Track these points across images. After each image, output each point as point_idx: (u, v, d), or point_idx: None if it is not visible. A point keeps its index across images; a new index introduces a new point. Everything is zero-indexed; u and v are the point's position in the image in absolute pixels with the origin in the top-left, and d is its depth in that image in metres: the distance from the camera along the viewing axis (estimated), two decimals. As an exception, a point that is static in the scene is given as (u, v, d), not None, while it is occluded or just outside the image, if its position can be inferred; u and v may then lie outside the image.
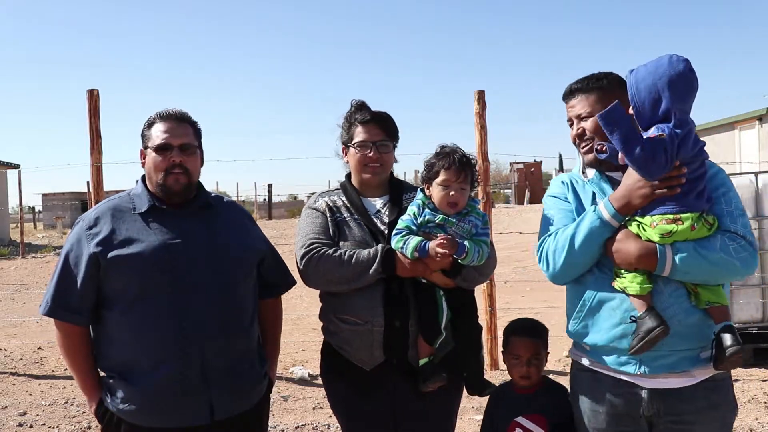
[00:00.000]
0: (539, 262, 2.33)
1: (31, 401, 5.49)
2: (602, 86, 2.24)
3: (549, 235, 2.28)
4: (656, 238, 2.06)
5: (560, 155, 48.92)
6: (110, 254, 2.20)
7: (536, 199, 36.36)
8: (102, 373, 2.34)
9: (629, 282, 2.08)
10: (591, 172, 2.32)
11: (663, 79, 2.04)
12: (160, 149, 2.29)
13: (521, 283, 10.34)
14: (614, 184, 2.21)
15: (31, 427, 4.94)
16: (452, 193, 2.33)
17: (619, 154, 2.07)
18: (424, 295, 2.38)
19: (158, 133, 2.30)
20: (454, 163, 2.33)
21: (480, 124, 6.11)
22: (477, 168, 2.46)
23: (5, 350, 7.29)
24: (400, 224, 2.37)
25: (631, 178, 2.12)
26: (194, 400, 2.23)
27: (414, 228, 2.34)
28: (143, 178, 2.38)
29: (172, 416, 2.22)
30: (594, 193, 2.26)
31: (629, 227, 2.12)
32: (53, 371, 6.40)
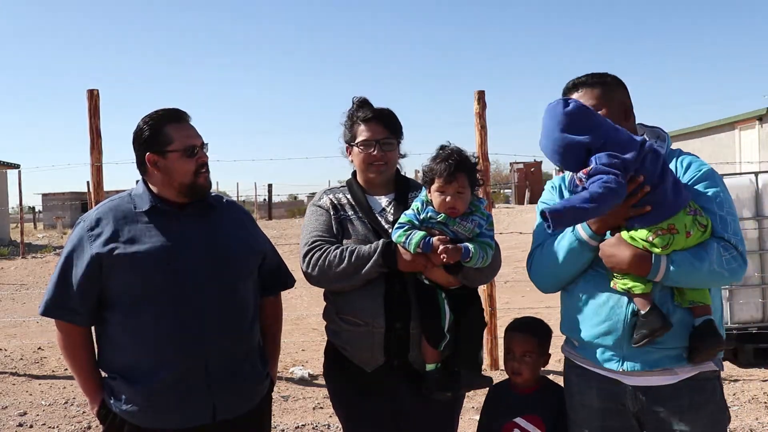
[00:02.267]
0: (529, 274, 2.37)
1: (31, 401, 5.49)
2: (606, 82, 2.25)
3: (536, 249, 2.33)
4: (658, 250, 2.04)
5: (560, 155, 49.05)
6: (112, 256, 2.19)
7: (536, 199, 36.30)
8: (104, 374, 2.33)
9: (633, 282, 2.08)
10: None
11: (556, 134, 2.07)
12: (189, 152, 2.27)
13: (521, 283, 10.29)
14: None
15: (31, 427, 4.94)
16: (448, 199, 2.30)
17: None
18: (427, 297, 2.37)
19: (181, 137, 2.28)
20: (446, 170, 2.29)
21: (480, 124, 6.11)
22: (479, 168, 2.42)
23: (5, 350, 7.29)
24: (403, 218, 2.35)
25: None
26: (197, 401, 2.22)
27: (416, 223, 2.33)
28: (144, 180, 2.36)
29: (174, 417, 2.22)
30: None
31: (622, 234, 2.11)
32: (53, 371, 6.40)
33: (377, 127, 2.52)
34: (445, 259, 2.25)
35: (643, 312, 2.07)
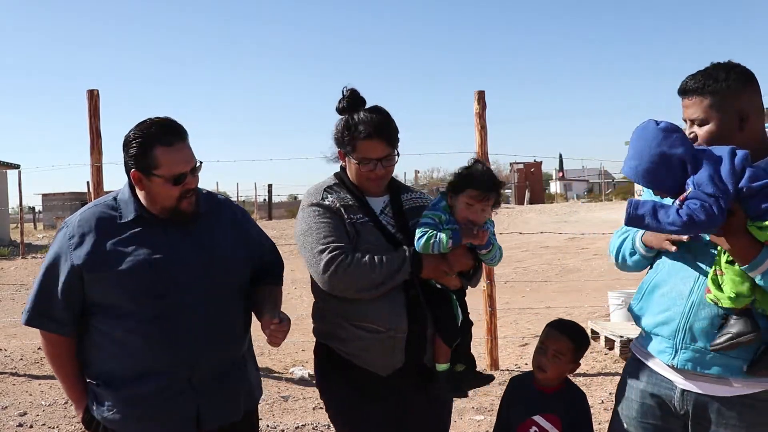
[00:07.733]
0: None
1: (31, 401, 5.49)
2: (720, 90, 1.98)
3: (616, 232, 2.40)
4: None
5: (560, 155, 49.00)
6: (94, 267, 2.12)
7: (536, 199, 36.33)
8: (88, 380, 2.27)
9: (730, 290, 1.94)
10: None
11: (652, 150, 1.94)
12: (177, 180, 2.15)
13: (521, 283, 10.33)
14: None
15: (31, 427, 4.94)
16: (478, 212, 2.35)
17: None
18: (441, 299, 2.40)
19: (170, 163, 2.13)
20: (483, 186, 2.33)
21: (480, 124, 6.11)
22: (502, 191, 2.48)
23: (5, 350, 7.29)
24: (425, 228, 2.34)
25: None
26: (181, 410, 2.18)
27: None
28: (131, 185, 2.24)
29: (157, 426, 2.18)
30: None
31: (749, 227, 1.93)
32: (53, 371, 6.40)
33: (379, 145, 2.39)
34: (478, 234, 2.31)
35: (735, 314, 1.96)
